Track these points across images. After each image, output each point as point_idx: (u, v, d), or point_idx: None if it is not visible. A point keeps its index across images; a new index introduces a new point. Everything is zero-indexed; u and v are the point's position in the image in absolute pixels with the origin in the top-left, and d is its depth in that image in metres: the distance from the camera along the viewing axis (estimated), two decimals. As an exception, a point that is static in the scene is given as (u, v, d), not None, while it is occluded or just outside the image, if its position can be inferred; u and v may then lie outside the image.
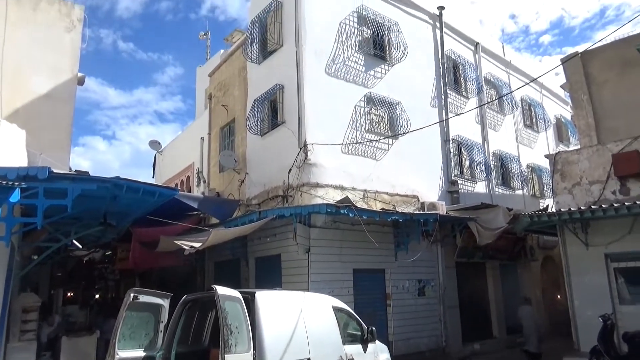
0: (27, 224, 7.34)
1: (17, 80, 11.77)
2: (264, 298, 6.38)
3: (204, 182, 16.46)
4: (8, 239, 6.74)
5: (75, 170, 10.04)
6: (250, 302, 6.10)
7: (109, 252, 17.20)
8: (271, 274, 11.14)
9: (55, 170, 6.79)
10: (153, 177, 22.61)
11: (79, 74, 12.95)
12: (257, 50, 13.15)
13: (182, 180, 18.85)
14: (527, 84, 16.62)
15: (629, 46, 11.55)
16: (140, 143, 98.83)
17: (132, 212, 9.40)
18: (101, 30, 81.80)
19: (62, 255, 13.08)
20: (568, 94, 16.15)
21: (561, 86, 17.74)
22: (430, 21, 15.38)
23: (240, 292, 6.08)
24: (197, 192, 16.65)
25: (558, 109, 21.75)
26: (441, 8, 15.56)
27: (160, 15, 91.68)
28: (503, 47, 19.22)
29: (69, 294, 19.00)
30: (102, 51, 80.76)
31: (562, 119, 21.45)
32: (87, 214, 8.77)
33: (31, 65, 12.04)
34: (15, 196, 6.17)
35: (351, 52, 12.53)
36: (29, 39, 12.09)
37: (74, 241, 11.26)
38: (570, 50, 66.16)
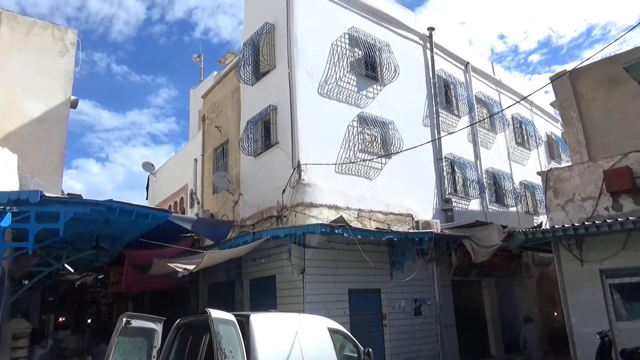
0: (19, 249, 7.26)
1: (10, 103, 11.79)
2: (259, 321, 6.31)
3: (198, 203, 16.39)
4: (-2, 264, 6.66)
5: (68, 194, 10.01)
6: (244, 326, 6.03)
7: (102, 276, 17.06)
8: (266, 296, 11.03)
9: (47, 194, 6.75)
10: (146, 199, 22.52)
11: (72, 97, 12.98)
12: (250, 71, 13.26)
13: (175, 202, 18.76)
14: (518, 102, 16.82)
15: (616, 64, 11.71)
16: (134, 165, 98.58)
17: (125, 235, 9.34)
18: (95, 54, 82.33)
19: (53, 280, 12.93)
20: (558, 111, 16.34)
21: (551, 104, 17.99)
22: (421, 42, 15.62)
23: (235, 315, 6.00)
24: (190, 213, 16.55)
25: (549, 126, 21.99)
26: (431, 29, 15.84)
27: (154, 38, 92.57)
28: (493, 66, 19.51)
29: (60, 319, 18.76)
30: (96, 74, 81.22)
31: (553, 136, 21.67)
32: (79, 237, 8.70)
33: (24, 89, 12.08)
34: (7, 220, 6.14)
35: (343, 73, 12.67)
36: (22, 63, 12.14)
37: (66, 265, 11.14)
38: (558, 68, 67.30)
